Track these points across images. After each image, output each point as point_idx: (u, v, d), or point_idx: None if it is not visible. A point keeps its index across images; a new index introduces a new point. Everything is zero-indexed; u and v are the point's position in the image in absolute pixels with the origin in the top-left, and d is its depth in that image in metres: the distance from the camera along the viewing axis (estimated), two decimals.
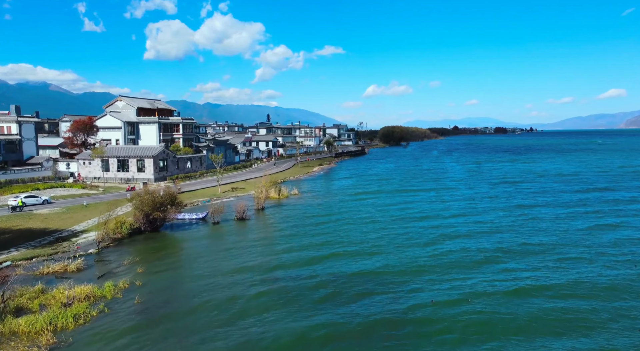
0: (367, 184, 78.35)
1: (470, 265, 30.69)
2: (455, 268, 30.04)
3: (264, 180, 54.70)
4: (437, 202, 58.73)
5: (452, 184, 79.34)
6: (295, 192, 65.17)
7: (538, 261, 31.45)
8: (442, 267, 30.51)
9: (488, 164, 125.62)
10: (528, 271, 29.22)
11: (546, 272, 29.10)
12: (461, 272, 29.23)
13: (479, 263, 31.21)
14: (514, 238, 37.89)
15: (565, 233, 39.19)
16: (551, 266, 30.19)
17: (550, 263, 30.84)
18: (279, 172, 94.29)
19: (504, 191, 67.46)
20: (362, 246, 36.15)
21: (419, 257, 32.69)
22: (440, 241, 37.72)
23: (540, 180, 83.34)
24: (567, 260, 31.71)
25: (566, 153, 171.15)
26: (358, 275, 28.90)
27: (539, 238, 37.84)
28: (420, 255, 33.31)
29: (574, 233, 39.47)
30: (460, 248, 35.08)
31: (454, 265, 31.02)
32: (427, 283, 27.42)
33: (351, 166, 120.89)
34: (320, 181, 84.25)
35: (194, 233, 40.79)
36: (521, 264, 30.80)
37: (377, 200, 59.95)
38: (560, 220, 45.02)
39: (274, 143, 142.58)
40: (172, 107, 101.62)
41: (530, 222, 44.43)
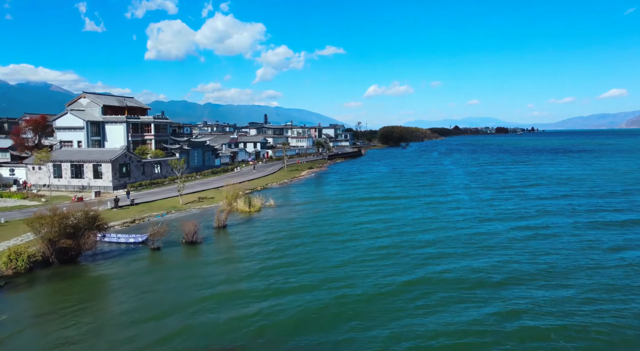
0: (355, 192, 69.53)
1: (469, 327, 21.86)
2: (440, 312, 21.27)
3: (226, 190, 45.89)
4: (430, 212, 49.99)
5: (449, 190, 70.60)
6: (270, 203, 56.31)
7: (568, 305, 22.65)
8: (428, 307, 21.97)
9: (490, 167, 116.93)
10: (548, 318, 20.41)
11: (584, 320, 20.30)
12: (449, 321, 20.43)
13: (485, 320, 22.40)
14: (527, 265, 29.10)
15: (591, 255, 30.38)
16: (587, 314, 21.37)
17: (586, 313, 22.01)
18: (260, 177, 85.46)
19: (508, 199, 58.60)
20: (333, 284, 27.38)
21: (397, 297, 23.91)
22: (428, 264, 29.02)
23: (549, 186, 74.65)
24: (604, 299, 22.88)
25: (571, 155, 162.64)
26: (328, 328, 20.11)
27: (559, 262, 29.04)
28: (399, 295, 24.53)
29: (603, 255, 30.64)
30: (453, 279, 26.27)
31: (441, 303, 22.41)
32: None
33: (344, 169, 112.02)
34: (305, 188, 75.41)
35: (121, 265, 31.74)
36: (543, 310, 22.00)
37: (361, 213, 51.08)
38: (581, 238, 36.24)
39: (262, 144, 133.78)
40: (145, 106, 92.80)
41: (544, 238, 35.62)
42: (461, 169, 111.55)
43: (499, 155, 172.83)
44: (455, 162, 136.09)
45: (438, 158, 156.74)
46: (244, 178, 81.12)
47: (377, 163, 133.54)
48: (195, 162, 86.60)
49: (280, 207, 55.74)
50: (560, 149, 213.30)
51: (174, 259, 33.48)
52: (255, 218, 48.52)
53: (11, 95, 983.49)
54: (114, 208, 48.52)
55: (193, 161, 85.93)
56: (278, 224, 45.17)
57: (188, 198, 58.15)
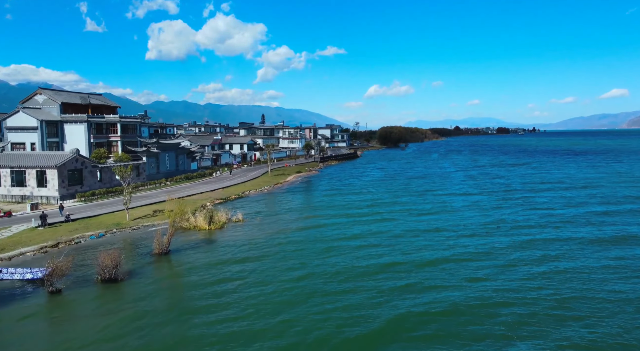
0: (340, 201, 61.02)
1: None
2: None
3: (168, 205, 37.46)
4: (421, 225, 41.52)
5: (446, 198, 62.32)
6: (238, 218, 47.72)
7: None
8: None
9: (492, 170, 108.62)
10: None
11: None
12: None
13: None
14: (541, 305, 20.64)
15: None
16: None
17: None
18: (238, 183, 76.93)
19: (512, 209, 50.06)
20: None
21: None
22: (407, 298, 20.58)
23: (557, 191, 66.73)
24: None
25: (576, 157, 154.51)
26: None
27: (581, 305, 20.58)
28: None
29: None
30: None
31: None
32: None
33: (335, 173, 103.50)
34: (285, 197, 66.92)
35: None
36: None
37: (339, 234, 42.52)
38: (604, 261, 27.77)
39: (250, 146, 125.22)
40: (114, 103, 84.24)
41: (558, 261, 27.18)
42: (461, 172, 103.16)
43: (501, 156, 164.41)
44: (455, 164, 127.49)
45: (437, 160, 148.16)
46: (220, 185, 72.68)
47: (372, 166, 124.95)
48: (166, 167, 78.07)
49: (250, 222, 47.18)
50: (564, 150, 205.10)
51: (74, 311, 24.75)
52: (213, 240, 39.96)
53: (12, 96, 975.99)
54: (39, 227, 40.00)
55: (164, 165, 77.39)
56: (239, 249, 36.63)
57: (142, 212, 49.61)
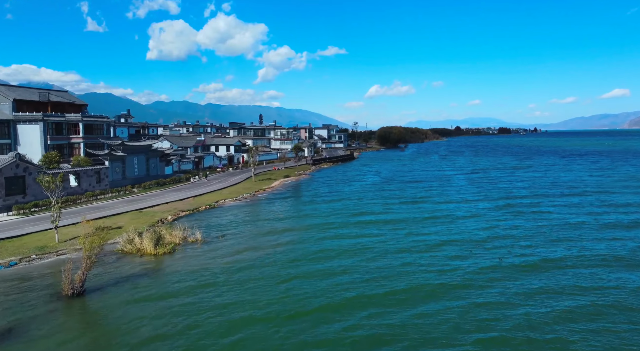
0: (324, 211, 52.95)
1: None
2: None
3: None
4: (410, 243, 33.51)
5: (443, 207, 54.35)
6: (196, 238, 39.57)
7: None
8: None
9: (494, 173, 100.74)
10: None
11: None
12: None
13: None
14: None
15: None
16: None
17: None
18: (215, 190, 68.76)
19: (517, 220, 41.97)
20: None
21: None
22: None
23: (568, 197, 59.18)
24: None
25: (583, 158, 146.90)
26: None
27: None
28: None
29: None
30: None
31: None
32: None
33: (327, 177, 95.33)
34: (263, 208, 58.79)
35: None
36: None
37: (312, 254, 34.41)
38: None
39: (237, 147, 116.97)
40: (79, 101, 76.08)
41: (577, 294, 19.25)
42: (461, 176, 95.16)
43: (504, 158, 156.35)
44: (455, 166, 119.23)
45: (437, 162, 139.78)
46: (193, 193, 64.59)
47: (368, 169, 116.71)
48: (134, 172, 69.85)
49: (210, 243, 39.04)
50: (569, 151, 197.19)
51: None
52: (154, 271, 31.77)
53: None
54: None
55: (131, 170, 69.18)
56: (182, 286, 28.53)
57: (83, 228, 41.41)
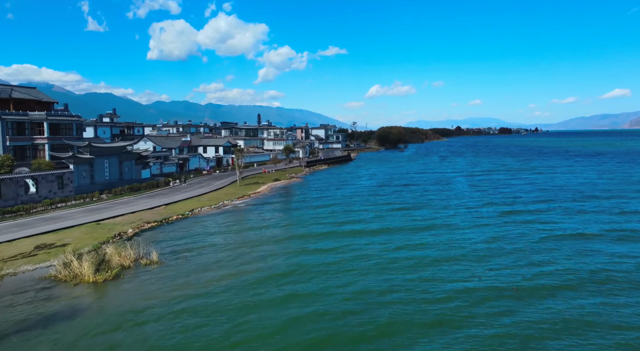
0: (306, 222, 47.03)
1: None
2: None
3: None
4: (405, 262, 27.65)
5: (441, 215, 48.29)
6: (151, 259, 33.56)
7: None
8: None
9: (497, 175, 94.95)
10: None
11: None
12: None
13: None
14: None
15: None
16: None
17: None
18: (194, 196, 62.86)
19: (524, 231, 36.07)
20: None
21: None
22: None
23: (581, 202, 53.57)
24: None
25: (589, 159, 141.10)
26: None
27: None
28: None
29: None
30: None
31: None
32: None
33: (319, 181, 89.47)
34: (242, 217, 52.93)
35: None
36: None
37: (282, 276, 28.54)
38: None
39: (226, 148, 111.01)
40: (48, 98, 70.20)
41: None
42: (462, 178, 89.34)
43: (506, 159, 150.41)
44: (456, 168, 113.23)
45: (436, 163, 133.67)
46: (168, 200, 58.75)
47: (364, 171, 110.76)
48: (105, 176, 63.90)
49: (166, 266, 33.06)
50: (572, 152, 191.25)
51: None
52: (84, 308, 25.74)
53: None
54: None
55: (101, 174, 63.22)
56: (108, 335, 22.61)
57: (23, 245, 35.54)
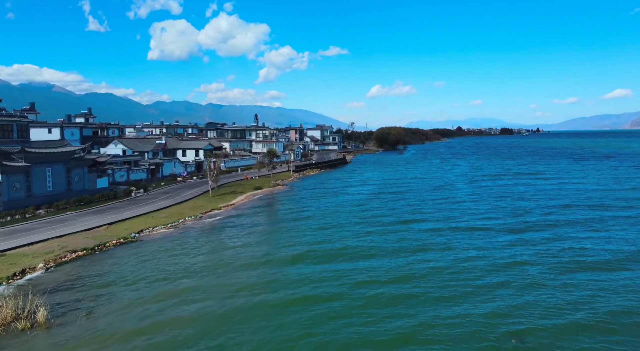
0: (277, 245, 37.38)
1: None
2: None
3: None
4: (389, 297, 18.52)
5: (434, 239, 38.41)
6: (37, 319, 23.93)
7: None
8: None
9: (502, 181, 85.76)
10: None
11: None
12: None
13: None
14: None
15: None
16: None
17: None
18: (150, 212, 53.10)
19: (542, 267, 26.93)
20: None
21: None
22: None
23: (603, 223, 44.48)
24: None
25: (598, 161, 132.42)
26: None
27: None
28: None
29: None
30: None
31: None
32: None
33: (304, 191, 79.93)
34: (194, 241, 43.30)
35: None
36: None
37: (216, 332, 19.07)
38: None
39: (208, 151, 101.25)
40: None
41: None
42: (463, 186, 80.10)
43: (509, 161, 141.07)
44: (456, 172, 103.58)
45: (436, 167, 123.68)
46: (117, 216, 49.15)
47: (358, 177, 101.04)
48: (47, 187, 54.10)
49: (55, 329, 23.45)
50: (579, 153, 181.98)
51: None
52: None
53: (13, 96, 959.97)
54: None
55: (41, 185, 53.41)
56: None
57: None
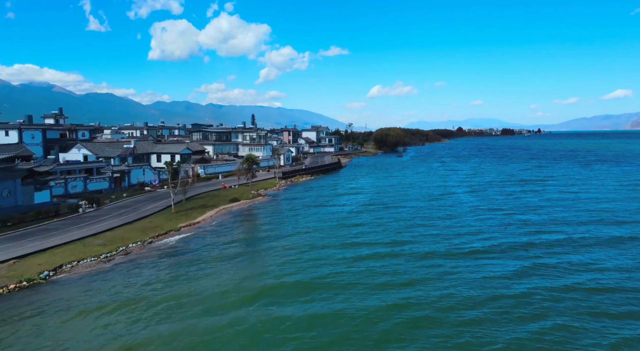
0: (219, 282, 27.94)
1: None
2: None
3: None
4: None
5: (428, 273, 28.66)
6: None
7: None
8: None
9: (508, 189, 75.95)
10: None
11: None
12: None
13: None
14: None
15: None
16: None
17: None
18: (85, 237, 43.47)
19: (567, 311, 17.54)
20: None
21: None
22: None
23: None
24: None
25: (611, 165, 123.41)
26: None
27: None
28: None
29: None
30: None
31: None
32: None
33: (286, 203, 70.51)
34: (125, 280, 33.77)
35: None
36: None
37: None
38: None
39: (185, 156, 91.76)
40: None
41: None
42: (466, 196, 70.67)
43: (514, 165, 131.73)
44: (457, 179, 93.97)
45: (436, 172, 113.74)
46: (42, 243, 39.55)
47: (350, 185, 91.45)
48: None
49: None
50: (584, 156, 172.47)
51: None
52: None
53: (14, 97, 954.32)
54: None
55: None
56: None
57: None
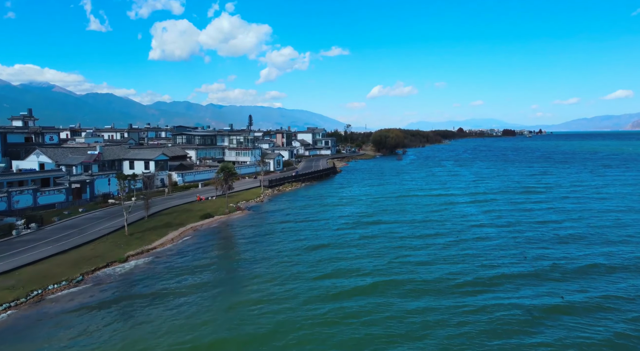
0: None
1: None
2: None
3: None
4: None
5: (417, 321, 20.41)
6: None
7: None
8: None
9: (516, 197, 66.38)
10: None
11: None
12: None
13: None
14: None
15: None
16: None
17: None
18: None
19: None
20: None
21: None
22: None
23: None
24: None
25: (624, 169, 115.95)
26: None
27: None
28: None
29: None
30: None
31: None
32: None
33: (265, 219, 62.17)
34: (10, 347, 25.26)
35: None
36: None
37: None
38: None
39: (161, 163, 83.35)
40: None
41: None
42: (467, 208, 62.13)
43: (519, 171, 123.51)
44: (457, 187, 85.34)
45: (436, 178, 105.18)
46: None
47: (341, 194, 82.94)
48: None
49: None
50: (589, 158, 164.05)
51: None
52: None
53: (14, 97, 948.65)
54: None
55: None
56: None
57: None
